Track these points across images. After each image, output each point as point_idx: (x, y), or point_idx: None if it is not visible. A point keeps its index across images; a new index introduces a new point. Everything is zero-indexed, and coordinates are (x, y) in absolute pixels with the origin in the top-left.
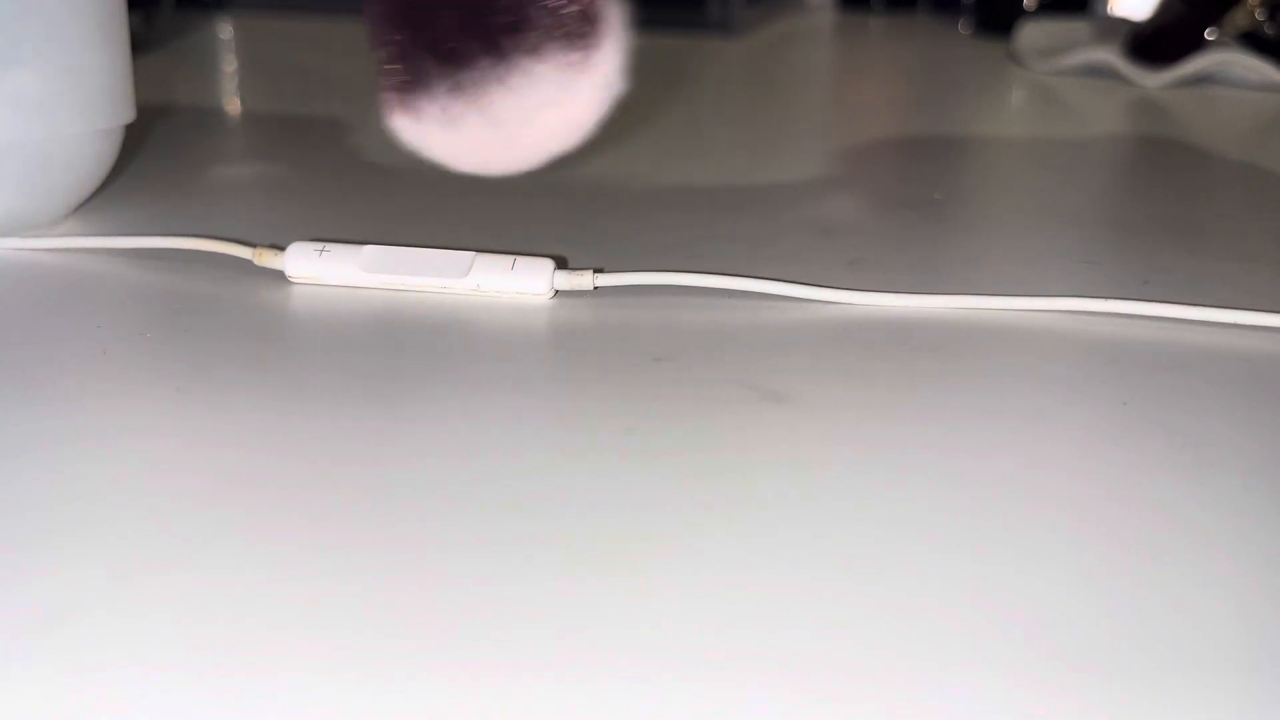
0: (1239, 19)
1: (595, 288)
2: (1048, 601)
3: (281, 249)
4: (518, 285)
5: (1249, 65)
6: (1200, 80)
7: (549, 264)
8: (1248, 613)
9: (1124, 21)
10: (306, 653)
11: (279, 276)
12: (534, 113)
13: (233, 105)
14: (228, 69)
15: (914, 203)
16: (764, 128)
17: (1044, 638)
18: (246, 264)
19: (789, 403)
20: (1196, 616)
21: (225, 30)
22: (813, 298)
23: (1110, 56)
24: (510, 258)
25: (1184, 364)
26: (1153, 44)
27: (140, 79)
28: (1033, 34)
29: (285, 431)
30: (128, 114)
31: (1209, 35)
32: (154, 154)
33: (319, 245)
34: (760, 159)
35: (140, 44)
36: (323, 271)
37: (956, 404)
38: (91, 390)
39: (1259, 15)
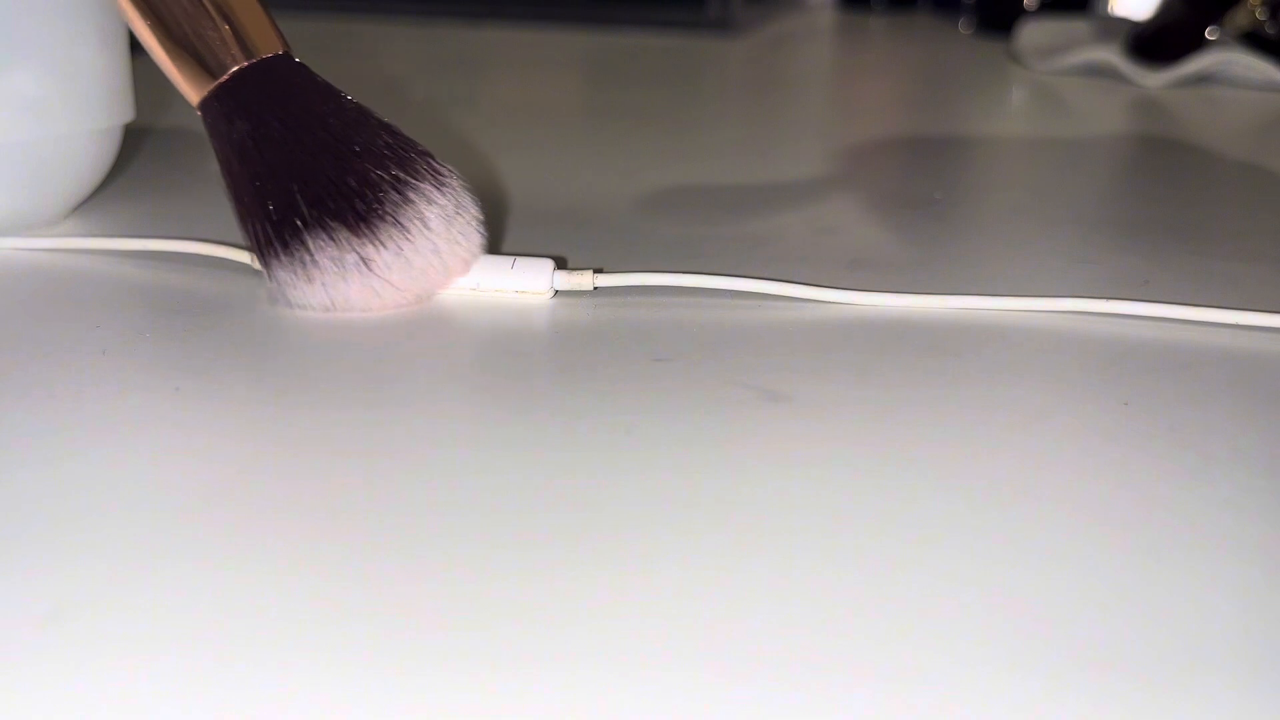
0: (1239, 19)
1: (595, 288)
2: (1048, 600)
3: None
4: (517, 284)
5: (1250, 65)
6: (1201, 80)
7: (549, 263)
8: (1249, 612)
9: (1124, 21)
10: (306, 651)
11: None
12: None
13: None
14: None
15: (914, 203)
16: (764, 128)
17: (1044, 636)
18: (245, 266)
19: (789, 402)
20: (1197, 615)
21: None
22: (813, 298)
23: (1111, 56)
24: (510, 257)
25: (1184, 364)
26: (1153, 43)
27: (139, 79)
28: (1033, 34)
29: (284, 430)
30: (127, 114)
31: (1210, 35)
32: (153, 154)
33: None
34: (760, 159)
35: (138, 45)
36: None
37: (957, 403)
38: (91, 390)
39: (1259, 15)
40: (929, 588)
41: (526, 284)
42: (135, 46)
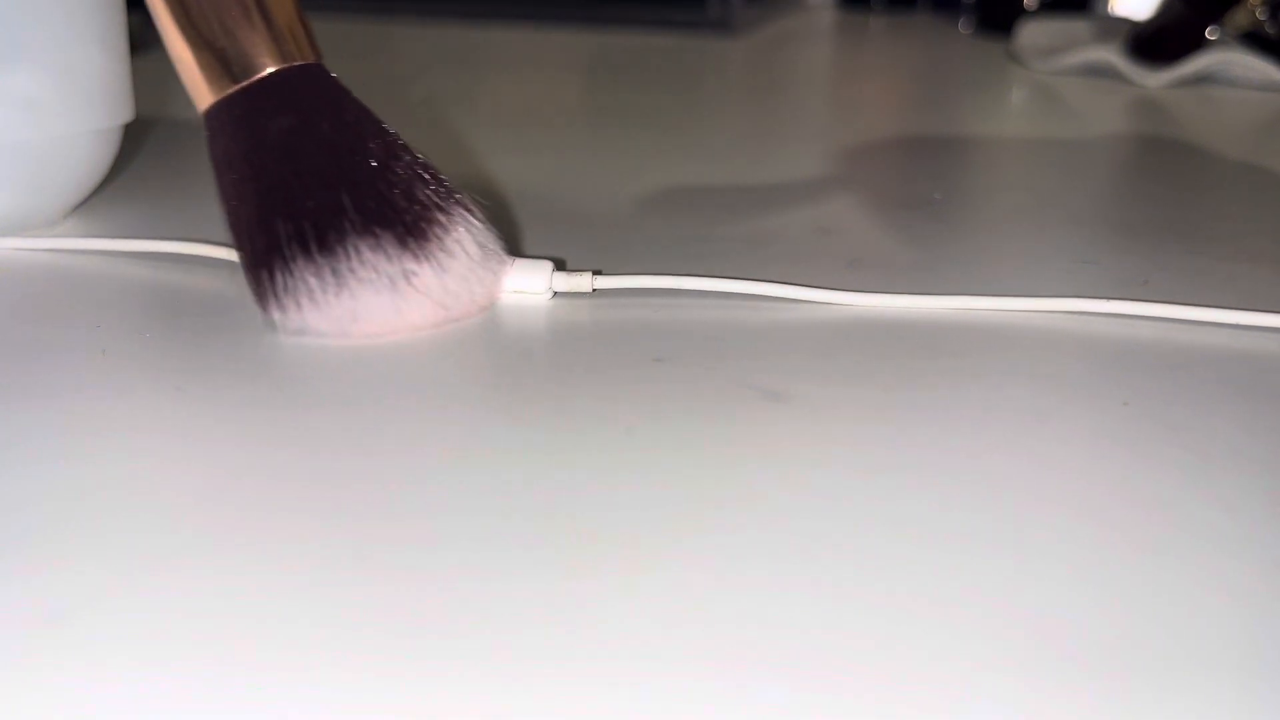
0: (1240, 19)
1: (594, 289)
2: (1049, 600)
3: None
4: (515, 285)
5: (1249, 65)
6: (1201, 80)
7: (548, 265)
8: (1249, 611)
9: (1124, 21)
10: (305, 651)
11: None
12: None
13: None
14: None
15: (914, 203)
16: (763, 128)
17: (1045, 636)
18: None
19: (789, 402)
20: (1199, 615)
21: None
22: (813, 299)
23: (1111, 56)
24: (508, 258)
25: (1184, 364)
26: (1154, 43)
27: (139, 79)
28: (1033, 33)
29: (285, 431)
30: (126, 114)
31: (1210, 35)
32: (153, 154)
33: None
34: (760, 159)
35: (139, 43)
36: None
37: (957, 404)
38: (90, 389)
39: (1259, 15)
40: (927, 587)
41: (525, 285)
42: (135, 46)
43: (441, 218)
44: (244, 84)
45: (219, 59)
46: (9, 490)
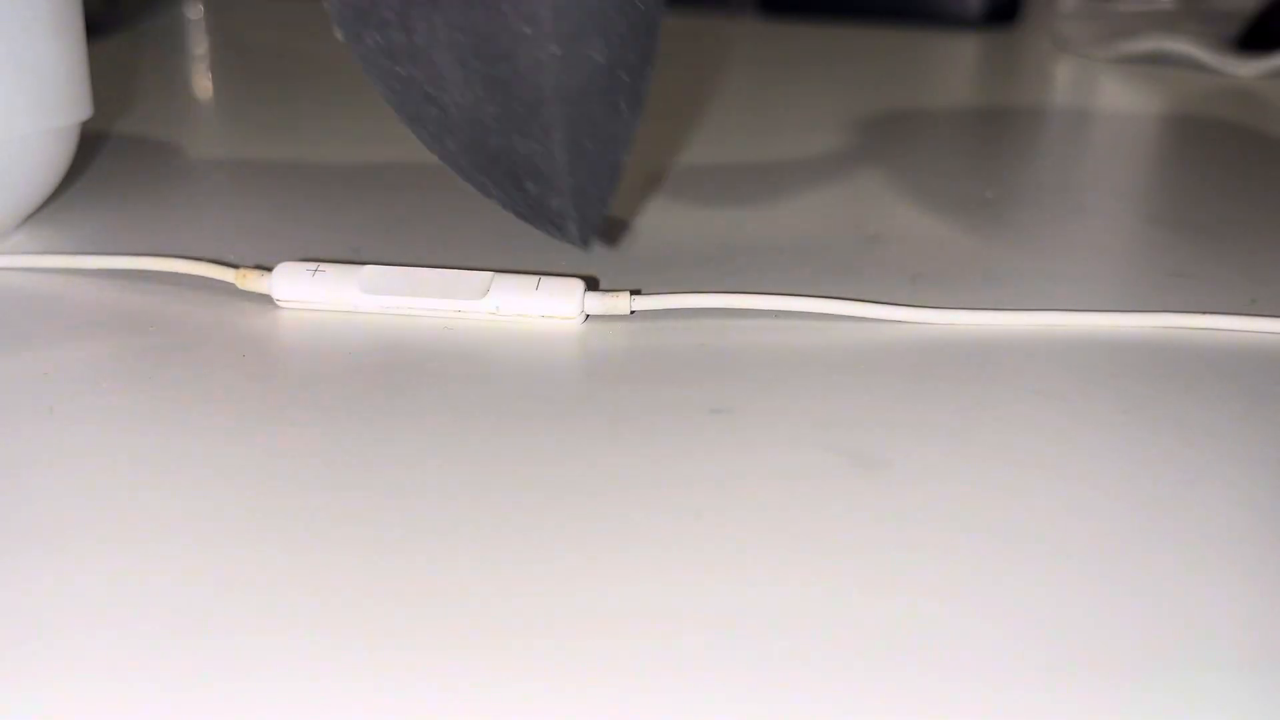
0: None
1: (632, 311)
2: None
3: (268, 269)
4: (543, 308)
5: None
6: None
7: (578, 284)
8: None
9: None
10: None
11: (265, 300)
12: None
13: (205, 95)
14: (198, 53)
15: (966, 203)
16: (796, 117)
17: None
18: (227, 287)
19: (887, 470)
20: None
21: (195, 10)
22: (885, 317)
23: (1187, 44)
24: (534, 277)
25: None
26: (1262, 32)
27: (99, 68)
28: (1087, 18)
29: (277, 473)
30: (83, 110)
31: None
32: (115, 155)
33: (311, 265)
34: (792, 154)
35: (99, 27)
36: (316, 294)
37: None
38: (31, 464)
39: None
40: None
41: (553, 308)
42: (93, 30)
43: None
44: None
45: None
46: None
